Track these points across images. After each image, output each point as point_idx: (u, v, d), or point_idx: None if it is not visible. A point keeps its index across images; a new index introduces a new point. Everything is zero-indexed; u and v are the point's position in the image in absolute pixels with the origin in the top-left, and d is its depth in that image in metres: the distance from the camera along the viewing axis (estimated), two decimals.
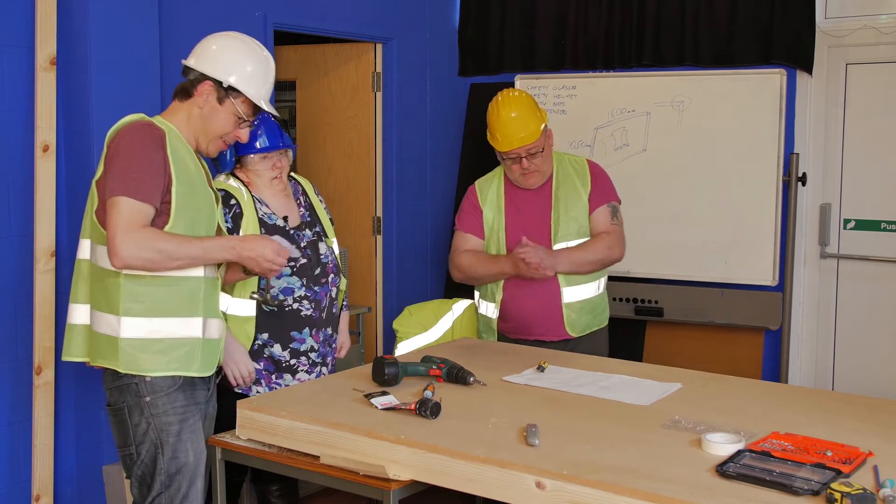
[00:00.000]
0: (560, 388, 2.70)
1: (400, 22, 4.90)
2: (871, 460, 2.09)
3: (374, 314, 5.05)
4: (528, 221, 3.42)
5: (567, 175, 3.46)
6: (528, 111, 3.37)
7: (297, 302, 3.04)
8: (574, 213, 3.40)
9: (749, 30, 4.40)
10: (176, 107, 2.67)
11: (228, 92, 2.63)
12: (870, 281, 4.34)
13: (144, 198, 2.43)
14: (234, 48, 2.67)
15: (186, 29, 3.83)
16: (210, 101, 2.63)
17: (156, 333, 2.51)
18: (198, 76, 2.62)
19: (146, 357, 2.50)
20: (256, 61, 2.68)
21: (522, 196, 3.46)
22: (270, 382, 3.05)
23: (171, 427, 2.54)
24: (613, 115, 4.47)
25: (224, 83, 2.61)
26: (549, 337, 3.40)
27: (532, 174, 3.38)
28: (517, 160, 3.36)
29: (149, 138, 2.50)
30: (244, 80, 2.64)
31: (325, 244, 3.17)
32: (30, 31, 3.34)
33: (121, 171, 2.44)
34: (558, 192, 3.43)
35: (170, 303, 2.52)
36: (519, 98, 3.42)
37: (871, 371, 4.33)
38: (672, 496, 1.90)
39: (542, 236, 3.37)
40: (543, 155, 3.37)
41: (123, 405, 2.53)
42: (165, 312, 2.52)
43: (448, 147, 5.25)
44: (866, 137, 4.33)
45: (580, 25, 4.84)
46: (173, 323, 2.53)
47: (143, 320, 2.50)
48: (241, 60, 2.66)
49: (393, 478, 2.24)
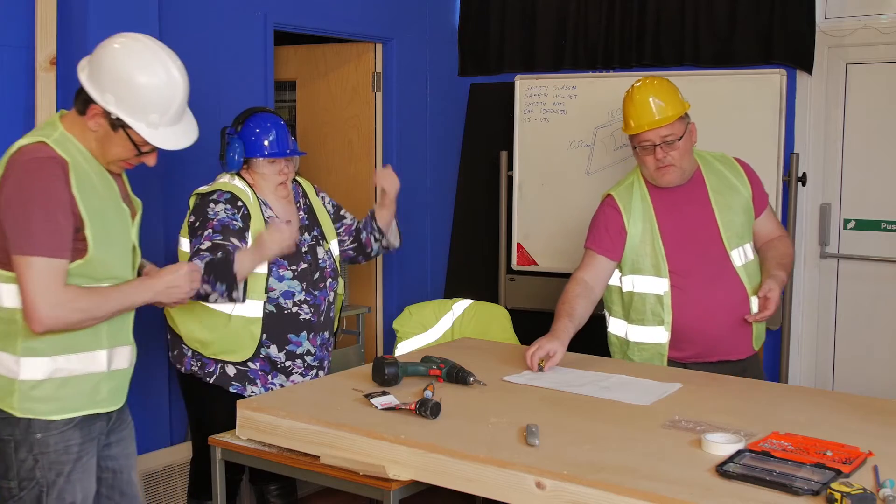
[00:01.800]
0: (560, 388, 2.70)
1: (400, 22, 4.90)
2: (871, 460, 2.09)
3: (374, 314, 5.05)
4: (691, 227, 3.06)
5: (717, 172, 3.12)
6: (666, 95, 3.03)
7: (297, 306, 3.04)
8: (738, 212, 3.08)
9: (749, 30, 4.40)
10: (74, 118, 2.36)
11: (121, 121, 2.31)
12: (870, 281, 4.34)
13: (58, 252, 2.22)
14: (133, 71, 2.30)
15: (186, 29, 3.83)
16: (103, 126, 2.33)
17: (58, 373, 2.31)
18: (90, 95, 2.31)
19: (44, 401, 2.30)
20: (159, 86, 2.33)
21: (674, 199, 3.08)
22: (266, 383, 3.05)
23: (62, 467, 2.34)
24: (613, 115, 4.47)
25: (112, 115, 2.30)
26: (735, 355, 3.06)
27: (668, 168, 3.01)
28: (650, 150, 3.01)
29: (51, 177, 2.23)
30: (140, 113, 2.31)
31: (323, 248, 3.17)
32: (30, 31, 3.34)
33: (26, 223, 2.20)
34: (714, 190, 3.08)
35: (71, 339, 2.32)
36: (657, 82, 3.10)
37: (871, 371, 4.33)
38: (672, 496, 1.90)
39: (711, 243, 3.04)
40: (682, 149, 3.01)
41: (10, 438, 2.31)
42: (66, 349, 2.32)
43: (448, 147, 5.25)
44: (866, 137, 4.32)
45: (580, 25, 4.84)
46: (76, 359, 2.34)
47: (45, 360, 2.30)
48: (138, 88, 2.30)
49: (393, 478, 2.24)
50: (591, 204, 4.57)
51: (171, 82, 2.36)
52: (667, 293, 3.03)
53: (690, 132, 3.05)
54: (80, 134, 2.34)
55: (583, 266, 3.13)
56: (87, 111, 2.32)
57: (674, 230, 3.05)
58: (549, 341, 2.91)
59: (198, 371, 3.06)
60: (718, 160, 3.16)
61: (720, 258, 3.03)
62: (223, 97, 3.99)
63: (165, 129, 2.37)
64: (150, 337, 3.68)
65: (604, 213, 3.15)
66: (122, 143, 2.35)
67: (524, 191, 4.72)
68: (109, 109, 2.29)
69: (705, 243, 3.02)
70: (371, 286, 5.04)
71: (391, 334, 4.60)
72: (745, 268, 3.06)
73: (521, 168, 4.70)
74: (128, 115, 2.31)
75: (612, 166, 4.49)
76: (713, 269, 3.02)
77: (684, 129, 3.01)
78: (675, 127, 2.99)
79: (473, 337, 4.09)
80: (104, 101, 2.29)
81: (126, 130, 2.33)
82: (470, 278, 5.16)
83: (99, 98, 2.29)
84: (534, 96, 4.65)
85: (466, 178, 5.25)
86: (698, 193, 3.07)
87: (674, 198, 3.07)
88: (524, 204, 4.72)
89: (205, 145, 3.86)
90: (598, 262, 3.11)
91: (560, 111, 4.61)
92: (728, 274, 3.03)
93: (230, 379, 3.04)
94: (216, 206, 2.98)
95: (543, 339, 2.92)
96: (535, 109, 4.65)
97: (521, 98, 4.68)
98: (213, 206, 2.98)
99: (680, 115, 3.00)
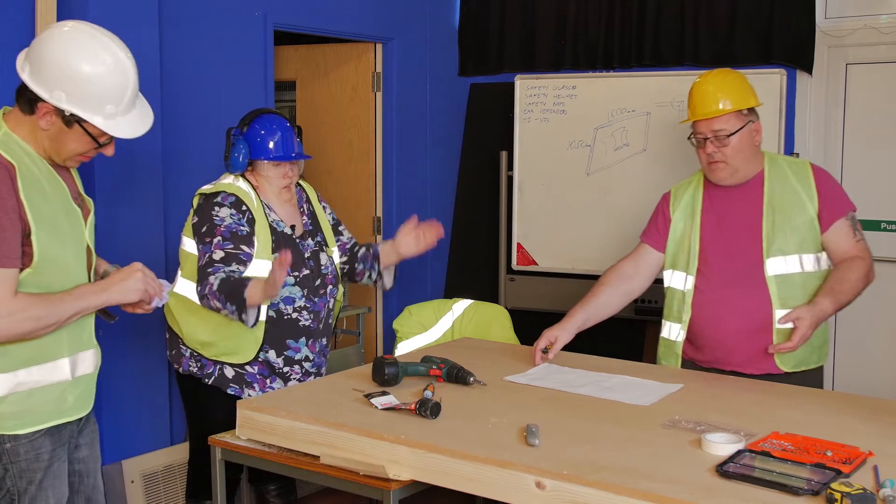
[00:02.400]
0: (561, 388, 2.70)
1: (400, 22, 4.90)
2: (871, 460, 2.09)
3: (374, 314, 5.05)
4: (731, 228, 2.94)
5: (782, 176, 2.93)
6: (729, 88, 2.90)
7: (297, 312, 3.04)
8: (796, 223, 2.87)
9: (749, 30, 4.40)
10: (20, 118, 2.22)
11: (75, 116, 2.18)
12: None
13: (8, 262, 2.11)
14: (79, 62, 2.16)
15: (186, 29, 3.83)
16: (56, 124, 2.19)
17: (21, 387, 2.21)
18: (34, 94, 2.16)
19: (9, 417, 2.21)
20: (108, 75, 2.19)
21: (726, 199, 2.97)
22: (264, 386, 3.05)
23: (33, 475, 2.26)
24: (613, 115, 4.47)
25: (65, 111, 2.17)
26: (751, 370, 2.88)
27: (718, 165, 2.89)
28: (703, 142, 2.91)
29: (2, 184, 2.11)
30: (95, 105, 2.19)
31: (326, 254, 3.16)
32: (30, 31, 3.34)
33: None
34: (772, 195, 2.91)
35: (31, 349, 2.22)
36: (723, 74, 2.97)
37: (871, 371, 4.33)
38: (672, 496, 1.90)
39: (748, 247, 2.90)
40: (736, 146, 2.87)
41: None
42: (27, 362, 2.22)
43: (448, 147, 5.25)
44: (866, 137, 4.32)
45: (580, 25, 4.84)
46: (38, 371, 2.24)
47: (5, 376, 2.19)
48: (88, 80, 2.16)
49: (393, 478, 2.24)
50: (591, 204, 4.60)
51: (120, 68, 2.22)
52: (689, 291, 2.98)
53: (752, 131, 2.91)
54: (28, 133, 2.21)
55: (629, 254, 3.15)
56: (35, 110, 2.18)
57: (713, 229, 2.97)
58: (552, 329, 2.95)
59: (196, 372, 3.06)
60: (791, 166, 2.96)
61: (752, 265, 2.89)
62: (223, 97, 3.99)
63: (122, 117, 2.25)
64: (149, 336, 3.69)
65: (658, 204, 3.14)
66: (77, 138, 2.23)
67: (524, 191, 4.72)
68: (62, 107, 2.16)
69: (742, 247, 2.91)
70: (371, 286, 5.04)
71: (391, 334, 4.59)
72: (783, 278, 2.87)
73: (521, 168, 4.71)
74: (82, 109, 2.18)
75: (613, 166, 4.50)
76: (741, 274, 2.90)
77: (741, 126, 2.87)
78: (730, 122, 2.86)
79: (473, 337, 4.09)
80: (55, 99, 2.16)
81: (82, 125, 2.20)
82: (470, 278, 5.16)
83: (48, 96, 2.16)
84: (534, 96, 4.65)
85: (466, 178, 5.25)
86: (753, 196, 2.93)
87: (728, 197, 2.96)
88: (524, 204, 4.72)
89: (204, 145, 3.88)
90: (642, 250, 3.11)
91: (560, 111, 4.61)
92: (755, 281, 2.88)
93: (228, 381, 3.03)
94: (221, 211, 2.96)
95: (549, 328, 2.96)
96: (535, 109, 4.65)
97: (521, 98, 4.68)
98: (218, 210, 2.96)
99: (737, 110, 2.87)
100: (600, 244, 4.53)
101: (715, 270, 2.94)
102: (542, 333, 2.97)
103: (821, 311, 2.72)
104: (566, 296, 4.50)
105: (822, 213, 2.88)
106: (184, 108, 3.82)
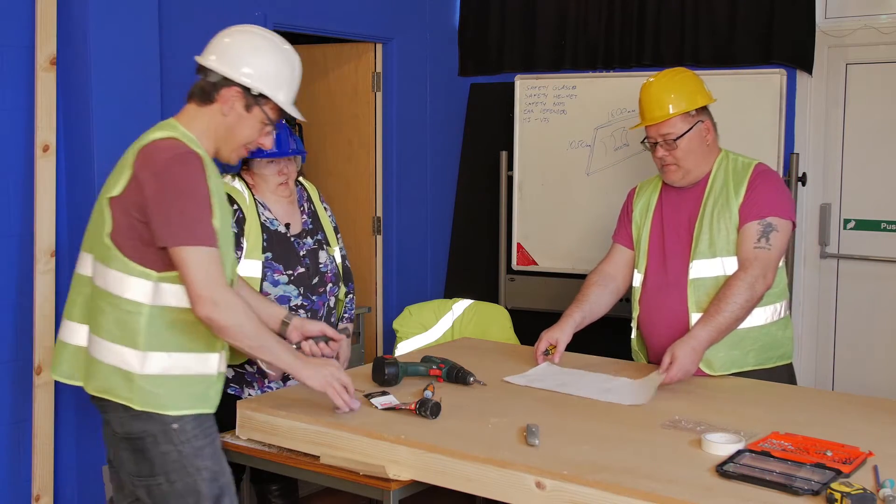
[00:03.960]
0: (560, 389, 2.70)
1: (400, 22, 4.90)
2: (871, 460, 2.09)
3: (374, 314, 5.05)
4: (670, 231, 2.96)
5: (725, 176, 2.91)
6: (676, 89, 2.88)
7: (294, 310, 3.03)
8: (724, 225, 2.86)
9: (749, 30, 4.40)
10: (194, 112, 2.39)
11: (257, 98, 2.37)
12: (870, 281, 4.34)
13: (213, 242, 2.25)
14: (260, 48, 2.40)
15: (186, 29, 3.83)
16: (236, 109, 2.37)
17: (172, 370, 2.30)
18: (220, 80, 2.36)
19: (164, 394, 2.29)
20: (285, 62, 2.44)
21: (674, 201, 2.99)
22: (263, 386, 3.05)
23: (203, 450, 2.34)
24: (613, 115, 4.47)
25: (253, 90, 2.36)
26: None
27: (670, 167, 2.90)
28: (654, 146, 2.91)
29: (198, 170, 2.26)
30: (275, 86, 2.39)
31: (327, 253, 3.15)
32: (30, 31, 3.34)
33: (180, 213, 2.22)
34: (709, 196, 2.90)
35: (190, 338, 2.32)
36: (671, 75, 2.95)
37: (871, 371, 4.33)
38: (672, 496, 1.90)
39: (682, 250, 2.91)
40: (686, 147, 2.86)
41: (145, 434, 2.30)
42: (183, 347, 2.31)
43: (448, 147, 5.25)
44: (866, 137, 4.32)
45: (580, 25, 4.84)
46: (190, 359, 2.33)
47: (163, 355, 2.28)
48: (269, 62, 2.40)
49: (393, 478, 2.24)
50: (591, 204, 4.60)
51: (293, 59, 2.48)
52: (637, 289, 3.04)
53: (702, 131, 2.89)
54: (201, 129, 2.37)
55: (605, 257, 3.18)
56: (215, 98, 2.35)
57: (658, 229, 2.99)
58: (550, 331, 2.95)
59: None
60: (736, 166, 2.93)
61: (680, 268, 2.90)
62: None
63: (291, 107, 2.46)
64: None
65: (625, 202, 3.17)
66: (252, 123, 2.39)
67: (524, 191, 4.72)
68: (249, 83, 2.34)
69: (676, 249, 2.92)
70: (371, 286, 5.05)
71: (391, 334, 4.59)
72: (700, 282, 2.87)
73: (521, 168, 4.70)
74: (266, 86, 2.37)
75: (612, 166, 4.50)
76: (672, 277, 2.91)
77: (688, 128, 2.86)
78: (676, 125, 2.85)
79: (473, 337, 4.09)
80: (244, 76, 2.34)
81: (262, 107, 2.38)
82: (470, 278, 5.17)
83: (236, 74, 2.34)
84: (534, 96, 4.65)
85: (466, 178, 5.25)
86: (696, 197, 2.93)
87: (678, 198, 2.98)
88: (524, 204, 4.72)
89: None
90: (614, 250, 3.14)
91: (560, 111, 4.61)
92: (679, 285, 2.89)
93: (228, 381, 3.03)
94: None
95: (547, 330, 2.96)
96: (535, 109, 4.65)
97: (521, 98, 4.68)
98: None
99: (682, 112, 2.86)
100: (600, 244, 4.51)
101: (654, 273, 2.98)
102: (541, 336, 2.96)
103: (696, 343, 2.70)
104: (566, 296, 4.48)
105: (740, 213, 2.84)
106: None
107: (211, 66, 2.36)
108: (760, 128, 4.18)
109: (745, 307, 2.76)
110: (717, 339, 2.75)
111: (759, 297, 2.79)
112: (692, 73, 2.99)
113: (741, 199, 2.85)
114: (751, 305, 2.78)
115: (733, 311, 2.74)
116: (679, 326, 2.85)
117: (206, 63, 2.37)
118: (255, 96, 2.37)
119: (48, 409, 3.41)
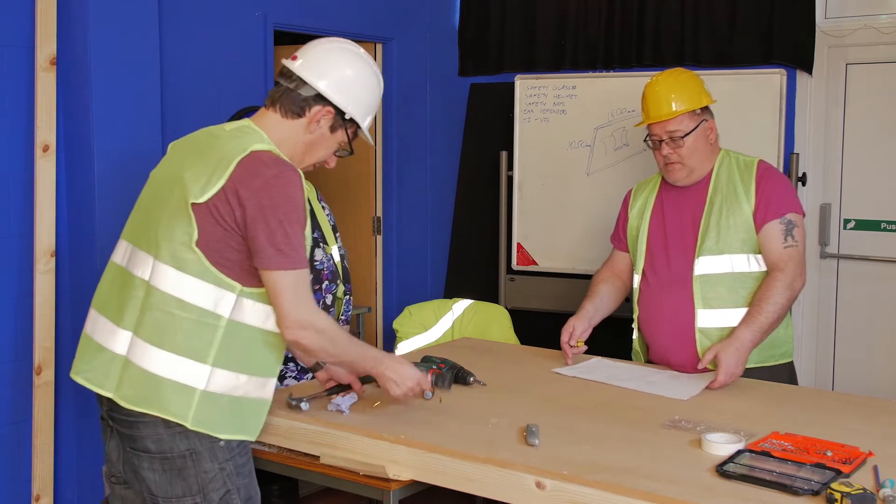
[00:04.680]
0: (607, 381, 2.77)
1: (400, 22, 4.90)
2: (871, 460, 2.09)
3: (374, 314, 5.05)
4: (673, 230, 2.97)
5: (729, 174, 2.93)
6: (681, 89, 2.90)
7: None
8: (731, 222, 2.86)
9: (749, 30, 4.40)
10: (276, 121, 2.29)
11: (345, 122, 2.33)
12: (870, 281, 4.34)
13: (306, 264, 2.20)
14: (364, 75, 2.35)
15: (186, 29, 3.83)
16: (322, 127, 2.31)
17: (235, 391, 2.19)
18: (314, 96, 2.28)
19: (220, 416, 2.17)
20: (379, 91, 2.41)
21: (675, 199, 3.00)
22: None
23: (244, 468, 2.26)
24: (613, 115, 4.47)
25: (347, 115, 2.31)
26: (690, 370, 2.85)
27: (674, 166, 2.91)
28: (658, 144, 2.93)
29: (300, 191, 2.18)
30: (366, 113, 2.37)
31: (324, 251, 3.15)
32: (30, 31, 3.34)
33: (285, 237, 2.13)
34: (714, 194, 2.92)
35: (258, 360, 2.24)
36: (675, 75, 2.97)
37: (871, 371, 4.33)
38: (672, 496, 1.90)
39: (685, 248, 2.92)
40: (692, 146, 2.88)
41: (189, 452, 2.16)
42: (249, 369, 2.21)
43: (448, 147, 5.25)
44: (866, 137, 4.32)
45: (580, 25, 4.84)
46: (251, 382, 2.23)
47: (230, 374, 2.17)
48: (371, 93, 2.36)
49: (393, 478, 2.24)
50: (591, 204, 4.60)
51: (381, 87, 2.42)
52: (636, 290, 3.06)
53: (706, 130, 2.92)
54: (283, 138, 2.28)
55: (605, 261, 3.23)
56: (306, 113, 2.28)
57: (659, 228, 3.00)
58: (569, 321, 3.01)
59: None
60: (739, 164, 2.95)
61: (684, 265, 2.91)
62: (223, 97, 3.99)
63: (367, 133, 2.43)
64: None
65: (621, 204, 3.20)
66: (331, 144, 2.36)
67: (524, 191, 4.72)
68: (349, 110, 2.31)
69: (679, 248, 2.93)
70: (371, 286, 5.05)
71: (391, 334, 4.59)
72: (707, 279, 2.87)
73: (521, 168, 4.70)
74: (357, 113, 2.34)
75: (613, 166, 4.50)
76: (675, 275, 2.92)
77: (694, 126, 2.89)
78: (683, 123, 2.87)
79: (473, 337, 4.09)
80: (351, 106, 2.31)
81: (346, 131, 2.35)
82: (470, 278, 5.17)
83: (344, 102, 2.30)
84: (534, 96, 4.65)
85: (466, 178, 5.25)
86: (699, 197, 2.95)
87: (679, 197, 2.99)
88: (524, 204, 4.72)
89: None
90: (613, 254, 3.20)
91: (560, 111, 4.61)
92: (684, 281, 2.90)
93: None
94: None
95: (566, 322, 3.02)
96: (535, 109, 4.65)
97: (521, 98, 4.68)
98: None
99: (690, 110, 2.88)
100: (600, 244, 4.51)
101: (655, 272, 2.99)
102: (563, 329, 3.00)
103: (741, 345, 2.71)
104: (566, 296, 4.50)
105: (756, 214, 2.85)
106: (184, 108, 3.82)
107: (322, 91, 2.28)
108: (760, 128, 4.18)
109: (786, 307, 2.79)
110: (760, 340, 2.76)
111: (797, 295, 2.83)
112: (695, 74, 3.02)
113: (752, 198, 2.87)
114: (790, 305, 2.82)
115: (775, 310, 2.76)
116: (681, 324, 2.88)
117: (308, 78, 2.28)
118: (344, 119, 2.33)
119: (48, 409, 3.41)
